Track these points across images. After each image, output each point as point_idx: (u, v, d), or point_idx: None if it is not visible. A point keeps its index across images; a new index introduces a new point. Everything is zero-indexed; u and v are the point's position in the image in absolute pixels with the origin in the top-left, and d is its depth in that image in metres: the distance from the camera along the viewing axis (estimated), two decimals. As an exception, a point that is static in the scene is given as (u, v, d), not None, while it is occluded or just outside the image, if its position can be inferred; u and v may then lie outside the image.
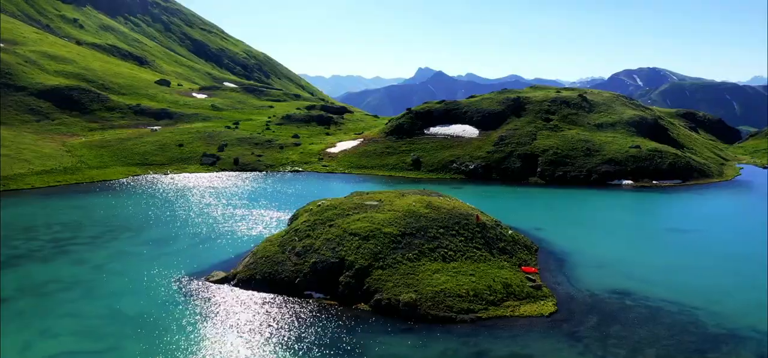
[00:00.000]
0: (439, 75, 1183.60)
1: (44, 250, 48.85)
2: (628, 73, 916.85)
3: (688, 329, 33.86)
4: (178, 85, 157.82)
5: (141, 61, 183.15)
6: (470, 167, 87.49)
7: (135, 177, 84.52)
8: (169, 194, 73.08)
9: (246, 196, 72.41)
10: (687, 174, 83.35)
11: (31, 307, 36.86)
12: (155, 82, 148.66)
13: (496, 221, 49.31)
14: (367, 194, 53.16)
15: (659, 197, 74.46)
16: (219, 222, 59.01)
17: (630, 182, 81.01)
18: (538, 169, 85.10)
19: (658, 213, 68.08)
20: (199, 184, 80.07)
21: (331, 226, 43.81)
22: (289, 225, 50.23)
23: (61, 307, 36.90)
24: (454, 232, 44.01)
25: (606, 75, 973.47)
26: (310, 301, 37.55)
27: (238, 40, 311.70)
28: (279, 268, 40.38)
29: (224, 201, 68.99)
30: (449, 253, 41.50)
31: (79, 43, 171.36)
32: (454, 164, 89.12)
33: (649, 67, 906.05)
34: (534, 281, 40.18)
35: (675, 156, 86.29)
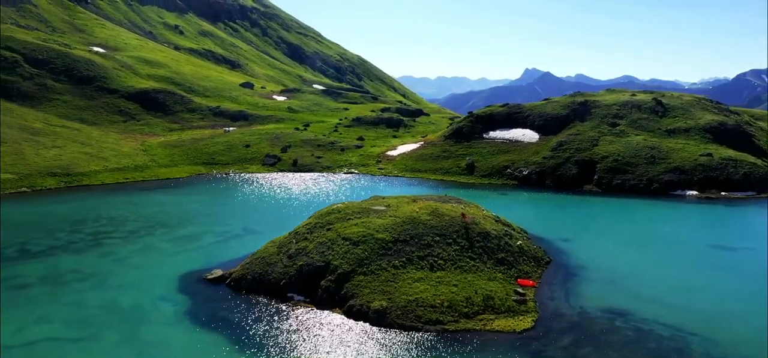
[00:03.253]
0: (547, 76, 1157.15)
1: (82, 242, 53.01)
2: (756, 72, 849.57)
3: (670, 357, 31.28)
4: (262, 87, 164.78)
5: (233, 65, 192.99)
6: (524, 173, 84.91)
7: (198, 175, 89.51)
8: (220, 193, 76.84)
9: (289, 196, 74.62)
10: (763, 185, 76.19)
11: (44, 294, 40.26)
12: (240, 85, 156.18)
13: (505, 230, 47.74)
14: (383, 198, 53.22)
15: (721, 210, 68.64)
16: (249, 220, 61.40)
17: (694, 192, 75.27)
18: (595, 177, 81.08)
19: (711, 227, 62.68)
20: (252, 183, 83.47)
21: (328, 230, 44.39)
22: (303, 227, 51.31)
23: (68, 296, 40.01)
24: (450, 240, 43.16)
25: (731, 75, 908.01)
26: (288, 304, 38.27)
27: (333, 43, 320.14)
28: (269, 269, 41.50)
29: (265, 201, 71.58)
30: (439, 261, 40.79)
31: (177, 48, 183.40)
32: (508, 170, 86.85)
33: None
34: (523, 294, 38.57)
35: (752, 165, 79.15)
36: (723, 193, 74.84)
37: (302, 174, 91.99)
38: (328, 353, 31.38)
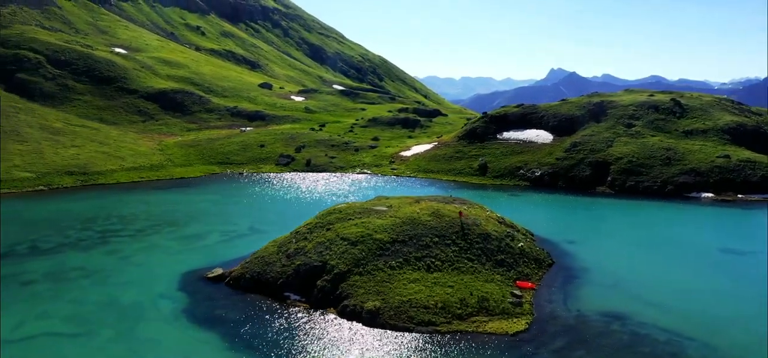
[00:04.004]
0: (572, 76, 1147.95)
1: (90, 240, 53.87)
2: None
3: (663, 361, 30.74)
4: (280, 88, 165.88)
5: (253, 66, 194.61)
6: (536, 174, 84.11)
7: (212, 175, 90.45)
8: (231, 192, 77.51)
9: (298, 196, 75.02)
10: (782, 188, 74.37)
11: (47, 290, 40.99)
12: (258, 85, 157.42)
13: (508, 232, 47.32)
14: (387, 199, 53.16)
15: (736, 213, 67.13)
16: (256, 220, 61.86)
17: (710, 194, 73.80)
18: (609, 179, 79.97)
19: (722, 231, 61.31)
20: (263, 183, 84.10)
21: (328, 229, 44.50)
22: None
23: (69, 292, 40.67)
24: (449, 241, 42.95)
25: (764, 75, 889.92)
26: (283, 303, 38.42)
27: (355, 44, 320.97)
28: (268, 269, 41.74)
29: (274, 200, 72.07)
30: (436, 262, 40.62)
31: (198, 49, 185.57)
32: (521, 171, 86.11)
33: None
34: (520, 297, 38.19)
35: (772, 167, 77.31)
36: (739, 195, 73.25)
37: (315, 174, 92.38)
38: (315, 352, 31.45)
